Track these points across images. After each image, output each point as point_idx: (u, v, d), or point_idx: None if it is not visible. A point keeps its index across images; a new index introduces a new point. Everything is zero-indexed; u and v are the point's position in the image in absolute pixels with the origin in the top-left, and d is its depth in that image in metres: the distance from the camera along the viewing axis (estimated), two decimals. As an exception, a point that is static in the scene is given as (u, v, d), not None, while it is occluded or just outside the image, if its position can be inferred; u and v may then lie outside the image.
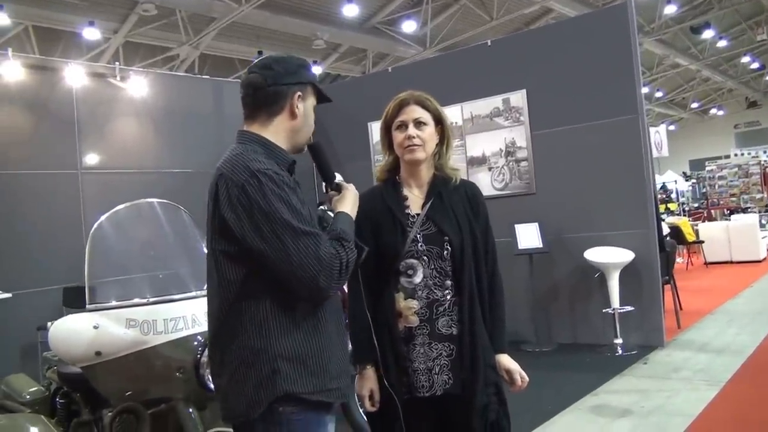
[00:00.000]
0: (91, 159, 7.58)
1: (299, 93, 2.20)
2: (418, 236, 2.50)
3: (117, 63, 8.28)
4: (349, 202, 2.26)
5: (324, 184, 2.31)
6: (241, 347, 2.08)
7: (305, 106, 2.22)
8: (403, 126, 2.55)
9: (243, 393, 2.08)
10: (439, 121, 2.61)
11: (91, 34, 13.58)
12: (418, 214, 2.54)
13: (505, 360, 2.57)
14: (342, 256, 2.02)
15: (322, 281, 1.98)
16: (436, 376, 2.46)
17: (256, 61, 2.29)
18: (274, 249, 1.97)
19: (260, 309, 2.07)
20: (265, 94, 2.17)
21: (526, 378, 2.56)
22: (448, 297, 2.49)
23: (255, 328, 2.07)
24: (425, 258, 2.49)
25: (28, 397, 4.21)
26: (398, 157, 2.61)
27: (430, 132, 2.56)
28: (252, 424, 2.09)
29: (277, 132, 2.19)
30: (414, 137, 2.52)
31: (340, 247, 2.03)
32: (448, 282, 2.49)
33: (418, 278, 2.49)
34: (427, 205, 2.55)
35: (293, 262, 1.97)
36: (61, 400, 4.03)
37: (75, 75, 7.45)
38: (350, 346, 2.56)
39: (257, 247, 1.99)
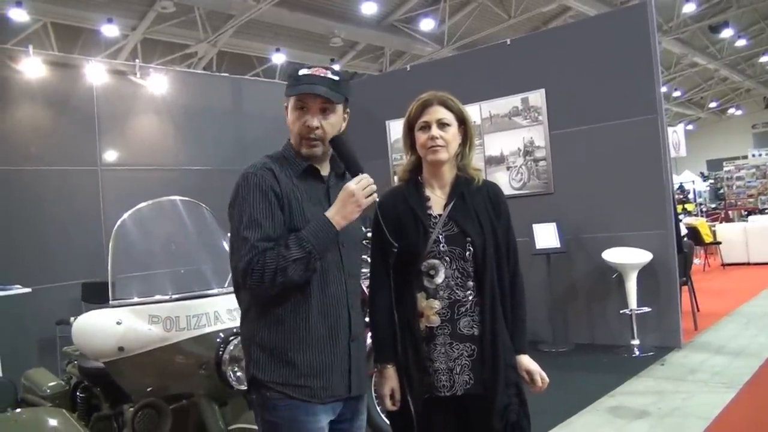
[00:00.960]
0: (111, 156, 7.63)
1: (285, 104, 2.39)
2: (441, 237, 2.51)
3: (137, 60, 8.33)
4: (335, 206, 2.28)
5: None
6: (241, 330, 2.42)
7: (289, 110, 2.37)
8: (427, 127, 2.54)
9: (245, 370, 2.39)
10: (462, 122, 2.60)
11: (110, 31, 13.69)
12: (440, 215, 2.54)
13: (526, 360, 2.57)
14: (267, 264, 2.13)
15: (241, 282, 2.21)
16: (457, 376, 2.46)
17: None
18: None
19: (247, 296, 2.31)
20: None
21: (546, 379, 2.56)
22: (470, 298, 2.49)
23: (244, 313, 2.35)
24: (447, 258, 2.49)
25: (48, 391, 4.24)
26: (420, 158, 2.61)
27: (453, 133, 2.55)
28: (255, 405, 2.33)
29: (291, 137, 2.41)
30: (437, 138, 2.51)
31: (269, 256, 2.15)
32: (470, 283, 2.49)
33: (439, 278, 2.49)
34: (450, 206, 2.54)
35: (231, 256, 2.27)
36: (81, 395, 4.06)
37: (95, 72, 7.50)
38: (369, 345, 2.59)
39: None
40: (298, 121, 2.31)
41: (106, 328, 3.16)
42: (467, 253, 2.49)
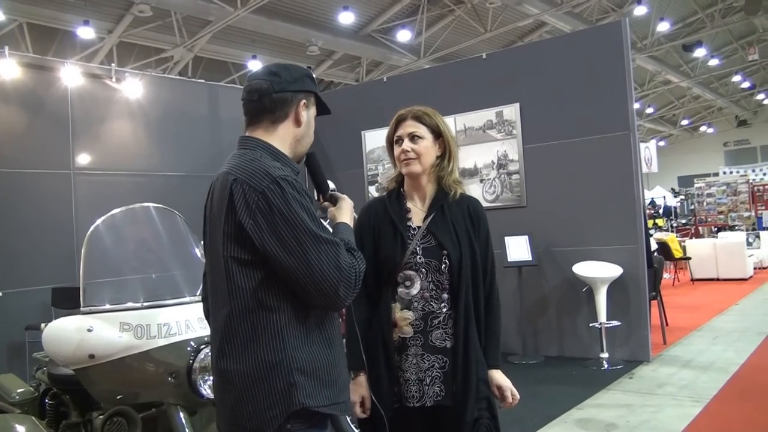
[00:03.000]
0: (84, 160, 7.56)
1: (304, 101, 2.19)
2: (418, 249, 2.53)
3: (113, 64, 8.27)
4: (347, 213, 2.25)
5: (317, 193, 2.31)
6: (255, 360, 2.01)
7: (308, 114, 2.22)
8: (400, 141, 2.60)
9: (254, 409, 2.00)
10: (439, 135, 2.63)
11: (86, 33, 13.58)
12: (419, 227, 2.57)
13: (498, 376, 2.59)
14: (356, 266, 2.01)
15: (342, 290, 1.97)
16: (426, 387, 2.49)
17: (260, 68, 2.26)
18: (295, 256, 1.94)
19: (274, 319, 2.01)
20: (270, 99, 2.14)
21: (517, 395, 2.59)
22: (444, 310, 2.52)
23: (269, 339, 2.01)
24: (423, 270, 2.52)
25: (17, 397, 4.19)
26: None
27: (425, 145, 2.59)
28: None
29: (282, 139, 2.17)
30: (408, 151, 2.56)
31: (352, 257, 2.03)
32: (445, 295, 2.52)
33: (414, 290, 2.52)
34: (429, 219, 2.58)
35: (314, 269, 1.94)
36: (50, 402, 4.02)
37: (71, 75, 7.43)
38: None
39: (275, 254, 1.95)
40: (313, 124, 2.27)
41: (76, 335, 3.14)
42: (443, 265, 2.52)
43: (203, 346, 3.12)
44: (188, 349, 3.16)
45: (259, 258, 1.98)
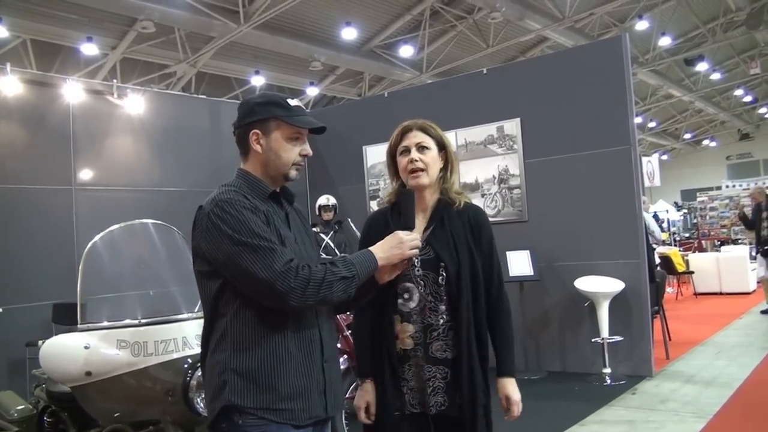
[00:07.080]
0: (86, 175, 7.57)
1: (256, 131, 2.34)
2: (417, 261, 2.54)
3: (114, 80, 8.30)
4: (380, 245, 2.36)
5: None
6: (209, 360, 2.29)
7: (269, 140, 2.34)
8: (407, 151, 2.61)
9: (206, 401, 2.32)
10: (443, 147, 2.66)
11: (89, 49, 13.63)
12: None
13: (510, 386, 2.59)
14: (314, 273, 2.14)
15: (279, 286, 2.09)
16: (429, 396, 2.52)
17: None
18: (236, 263, 2.13)
19: (223, 323, 2.24)
20: (236, 137, 2.40)
21: (520, 410, 2.60)
22: (441, 322, 2.53)
23: (218, 340, 2.25)
24: (422, 282, 2.54)
25: (15, 414, 4.18)
26: (404, 184, 2.65)
27: (432, 156, 2.61)
28: None
29: (253, 167, 2.38)
30: (417, 160, 2.57)
31: (317, 267, 2.17)
32: (443, 307, 2.53)
33: (413, 302, 2.55)
34: (428, 231, 2.59)
35: (250, 272, 2.11)
36: (48, 419, 4.01)
37: (72, 91, 7.47)
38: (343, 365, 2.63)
39: (222, 264, 2.18)
40: (294, 148, 2.36)
41: (73, 352, 3.14)
42: (440, 278, 2.54)
43: (199, 363, 3.11)
44: (185, 366, 3.15)
45: (213, 269, 2.23)
